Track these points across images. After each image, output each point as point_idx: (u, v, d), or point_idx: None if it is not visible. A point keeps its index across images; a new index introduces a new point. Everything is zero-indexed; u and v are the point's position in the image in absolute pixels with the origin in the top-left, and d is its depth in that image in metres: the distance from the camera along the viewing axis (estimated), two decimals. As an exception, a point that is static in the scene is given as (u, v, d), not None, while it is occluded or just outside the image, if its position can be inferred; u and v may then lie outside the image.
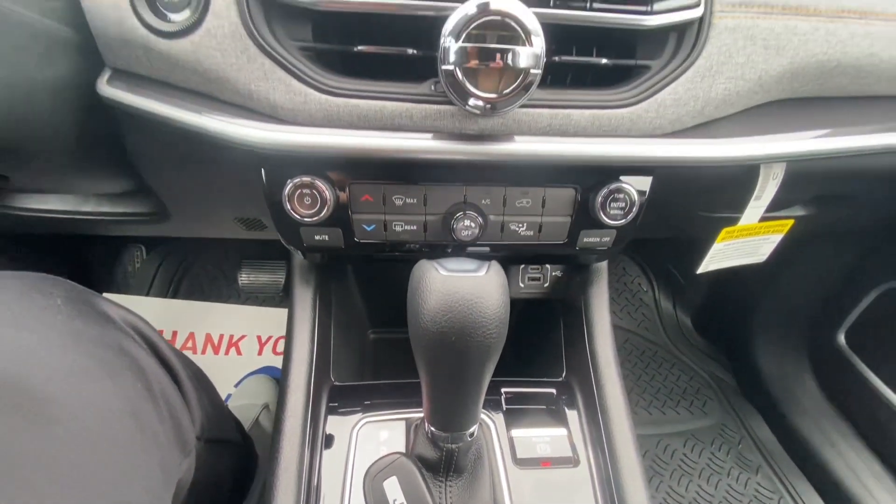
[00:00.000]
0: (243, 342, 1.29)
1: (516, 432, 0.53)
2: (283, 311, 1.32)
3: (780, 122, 0.50)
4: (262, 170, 0.46)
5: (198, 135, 0.42)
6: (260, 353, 1.28)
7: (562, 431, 0.54)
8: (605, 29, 0.41)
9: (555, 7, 0.40)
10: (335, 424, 0.52)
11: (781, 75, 0.46)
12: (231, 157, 0.45)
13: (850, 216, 0.77)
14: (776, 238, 0.65)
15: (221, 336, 1.29)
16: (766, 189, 0.56)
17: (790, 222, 0.63)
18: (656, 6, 0.41)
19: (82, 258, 1.25)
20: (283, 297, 1.35)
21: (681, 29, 0.43)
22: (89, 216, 0.66)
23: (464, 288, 0.32)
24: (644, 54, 0.44)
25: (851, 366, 1.07)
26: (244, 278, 1.22)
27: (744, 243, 0.63)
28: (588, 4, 0.40)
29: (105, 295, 1.06)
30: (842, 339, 1.11)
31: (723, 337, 1.38)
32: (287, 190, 0.44)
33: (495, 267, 0.34)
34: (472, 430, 0.43)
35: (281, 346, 1.29)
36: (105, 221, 0.69)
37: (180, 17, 0.41)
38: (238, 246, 1.34)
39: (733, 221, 0.61)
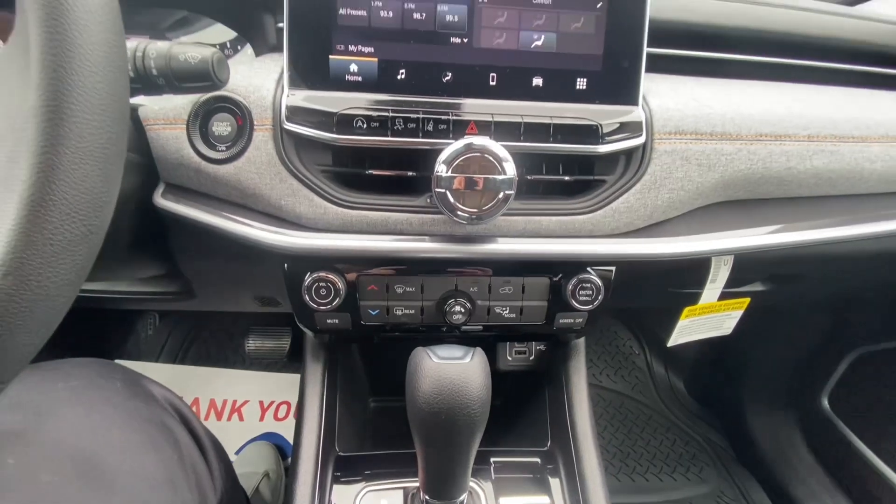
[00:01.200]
0: (246, 407, 1.32)
1: (503, 500, 0.57)
2: (287, 376, 1.37)
3: (721, 221, 0.59)
4: (285, 265, 0.55)
5: (236, 240, 0.51)
6: (262, 418, 1.31)
7: (545, 500, 0.58)
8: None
9: (524, 141, 0.50)
10: (340, 493, 0.57)
11: (715, 186, 0.56)
12: (257, 252, 0.54)
13: (806, 291, 0.85)
14: (737, 314, 0.72)
15: (225, 401, 1.32)
16: (720, 274, 0.64)
17: (746, 300, 0.71)
18: (607, 137, 0.52)
19: (99, 326, 1.31)
20: (286, 363, 1.39)
21: (628, 152, 0.53)
22: (122, 295, 0.74)
23: (452, 373, 0.40)
24: (600, 171, 0.54)
25: (837, 430, 1.10)
26: (251, 345, 1.28)
27: (707, 319, 0.70)
28: (551, 137, 0.51)
29: (118, 362, 1.12)
30: (825, 403, 1.15)
31: (715, 401, 1.41)
32: (307, 283, 0.52)
33: (479, 354, 0.42)
34: (461, 498, 0.48)
35: (283, 412, 1.33)
36: (134, 300, 0.77)
37: (227, 149, 0.51)
38: (246, 313, 1.41)
39: (700, 294, 0.69)
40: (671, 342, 0.70)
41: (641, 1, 0.51)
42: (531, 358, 0.69)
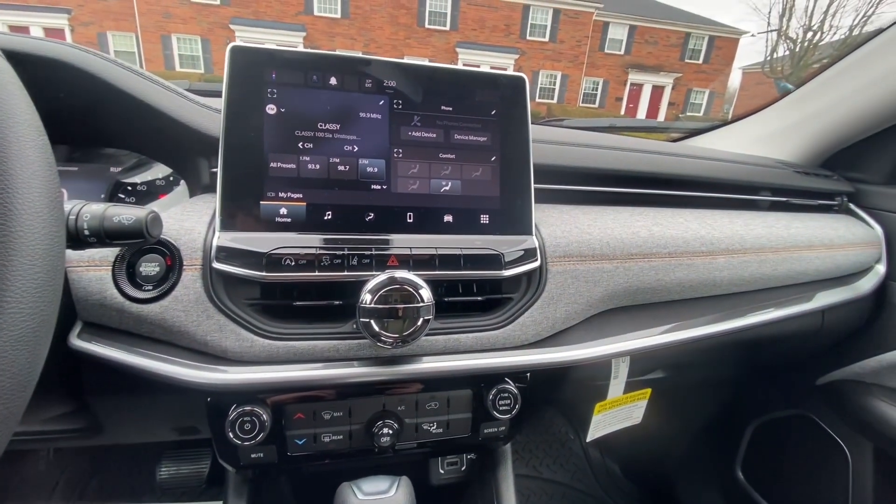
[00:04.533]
0: (153, 551, 1.15)
1: None
2: (206, 506, 1.22)
3: (614, 325, 0.69)
4: (208, 399, 0.54)
5: (158, 379, 0.51)
6: (172, 563, 1.14)
7: None
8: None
9: (439, 270, 0.58)
10: None
11: (602, 298, 0.66)
12: (177, 387, 0.53)
13: (699, 375, 0.97)
14: (642, 403, 0.80)
15: (127, 547, 1.14)
16: (620, 370, 0.73)
17: (649, 391, 0.79)
18: (509, 264, 0.60)
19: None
20: (204, 489, 1.25)
21: (528, 274, 0.62)
22: (18, 437, 0.66)
23: (377, 508, 0.41)
24: (507, 289, 0.63)
25: (752, 499, 1.18)
26: (164, 473, 1.15)
27: (618, 412, 0.77)
28: (462, 266, 0.59)
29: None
30: (739, 473, 1.24)
31: (650, 481, 1.46)
32: (230, 418, 0.52)
33: (404, 484, 0.44)
34: None
35: (198, 551, 1.16)
36: (31, 440, 0.69)
37: (154, 287, 0.53)
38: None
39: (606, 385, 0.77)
40: (589, 437, 0.75)
41: (525, 154, 0.64)
42: (463, 469, 0.71)
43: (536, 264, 0.62)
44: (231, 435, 0.52)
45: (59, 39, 0.56)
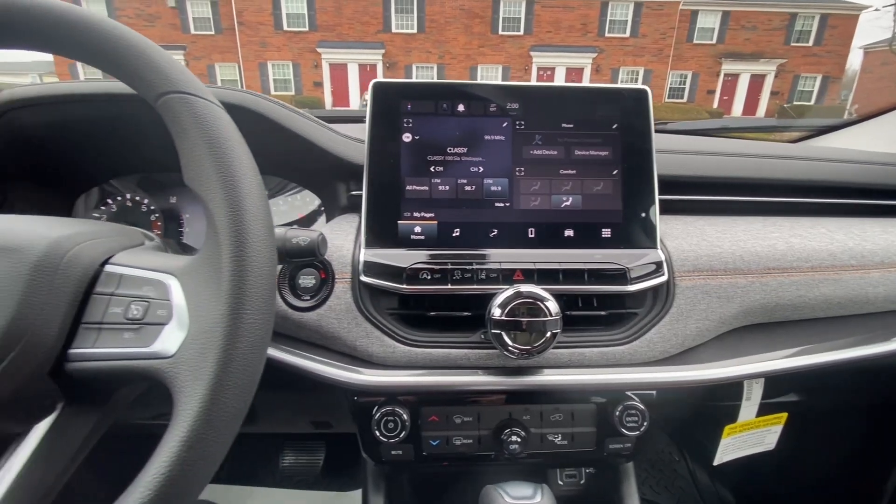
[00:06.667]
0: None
1: None
2: (320, 494, 1.33)
3: (747, 344, 0.65)
4: (355, 398, 0.61)
5: (314, 378, 0.58)
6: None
7: None
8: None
9: (563, 284, 0.59)
10: None
11: (736, 315, 0.63)
12: (326, 386, 0.60)
13: (843, 400, 0.87)
14: (777, 429, 0.74)
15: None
16: (753, 392, 0.68)
17: (784, 415, 0.73)
18: (634, 279, 0.60)
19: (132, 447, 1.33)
20: (318, 479, 1.37)
21: (654, 289, 0.61)
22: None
23: (525, 512, 0.44)
24: (631, 305, 0.62)
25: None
26: (286, 462, 1.27)
27: (749, 436, 0.72)
28: (586, 281, 0.59)
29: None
30: (888, 516, 1.08)
31: (769, 512, 1.32)
32: (376, 417, 0.58)
33: (547, 493, 0.46)
34: None
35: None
36: None
37: (311, 298, 0.60)
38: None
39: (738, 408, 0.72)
40: (717, 461, 0.71)
41: (649, 166, 0.63)
42: (582, 482, 0.71)
43: (663, 279, 0.61)
44: (377, 433, 0.57)
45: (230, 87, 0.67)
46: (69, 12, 0.36)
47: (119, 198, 0.80)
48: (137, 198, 0.81)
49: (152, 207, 0.81)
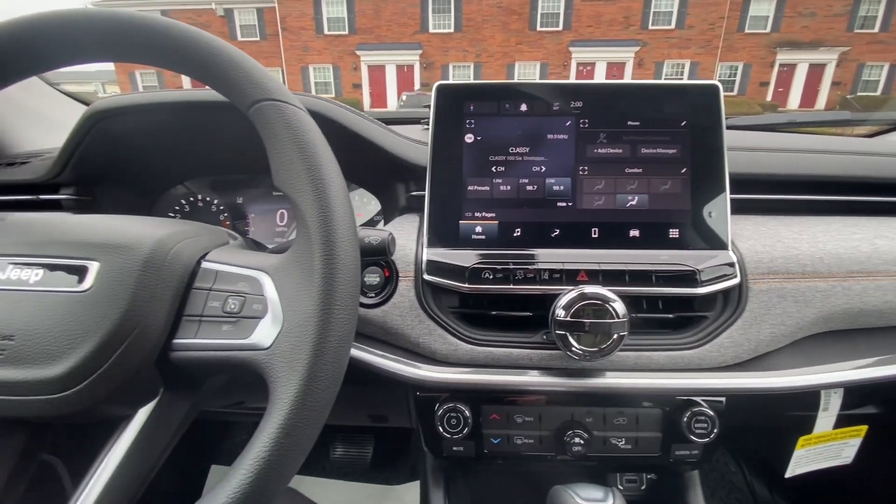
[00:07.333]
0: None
1: None
2: (370, 487, 1.37)
3: (826, 351, 0.61)
4: (416, 393, 0.62)
5: (378, 372, 0.60)
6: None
7: None
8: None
9: (629, 286, 0.58)
10: None
11: (815, 320, 0.59)
12: (386, 381, 0.61)
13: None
14: (855, 442, 0.70)
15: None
16: (831, 402, 0.65)
17: (864, 428, 0.69)
18: (705, 281, 0.58)
19: (198, 432, 1.41)
20: (367, 470, 1.40)
21: (725, 292, 0.59)
22: (253, 411, 0.83)
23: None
24: (700, 308, 0.60)
25: None
26: (337, 453, 1.32)
27: (825, 448, 0.68)
28: (654, 283, 0.58)
29: (214, 466, 1.19)
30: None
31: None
32: (439, 413, 0.59)
33: (619, 497, 0.45)
34: None
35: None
36: (253, 414, 0.86)
37: (377, 295, 0.62)
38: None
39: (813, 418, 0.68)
40: (789, 473, 0.68)
41: (720, 164, 0.61)
42: (643, 488, 0.69)
43: (736, 281, 0.58)
44: (440, 428, 0.59)
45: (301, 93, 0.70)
46: (173, 28, 0.39)
47: (192, 198, 0.86)
48: (208, 198, 0.86)
49: (221, 207, 0.86)
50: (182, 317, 0.40)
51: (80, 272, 0.38)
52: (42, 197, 0.74)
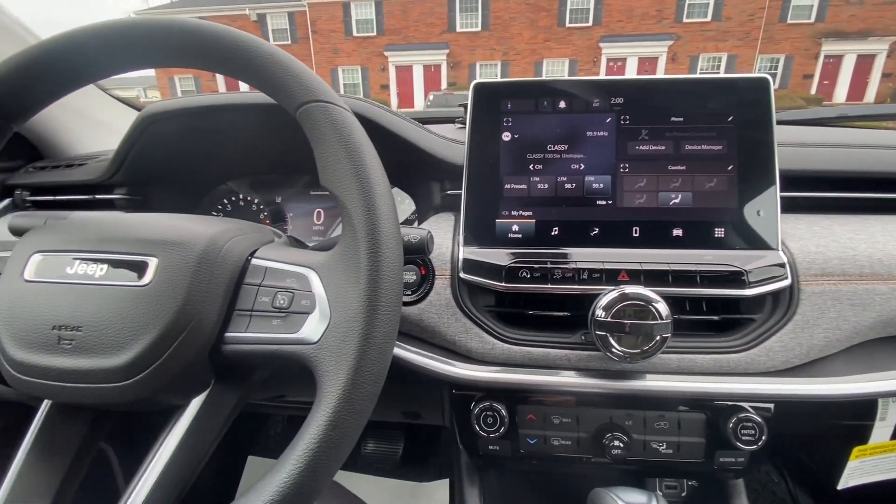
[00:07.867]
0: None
1: None
2: (399, 483, 1.38)
3: (885, 357, 0.58)
4: (452, 391, 0.62)
5: (414, 369, 0.60)
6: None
7: None
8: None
9: (672, 287, 0.56)
10: None
11: (873, 325, 0.56)
12: (421, 378, 0.62)
13: None
14: (917, 455, 0.65)
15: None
16: (889, 412, 0.61)
17: (927, 440, 0.64)
18: (753, 282, 0.56)
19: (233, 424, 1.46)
20: (397, 466, 1.42)
21: (774, 294, 0.57)
22: (294, 405, 0.85)
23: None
24: (747, 310, 0.58)
25: None
26: (368, 448, 1.34)
27: (881, 460, 0.64)
28: (699, 284, 0.56)
29: (251, 457, 1.23)
30: None
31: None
32: (475, 412, 0.59)
33: (663, 502, 0.44)
34: None
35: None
36: (297, 408, 0.88)
37: (413, 293, 0.63)
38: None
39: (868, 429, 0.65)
40: (841, 485, 0.64)
41: (770, 160, 0.58)
42: (683, 495, 0.67)
43: (786, 283, 0.56)
44: (476, 427, 0.59)
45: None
46: (224, 34, 0.41)
47: (234, 197, 0.89)
48: (249, 197, 0.89)
49: (261, 206, 0.89)
50: (234, 311, 0.41)
51: (141, 268, 0.40)
52: (98, 196, 0.79)
